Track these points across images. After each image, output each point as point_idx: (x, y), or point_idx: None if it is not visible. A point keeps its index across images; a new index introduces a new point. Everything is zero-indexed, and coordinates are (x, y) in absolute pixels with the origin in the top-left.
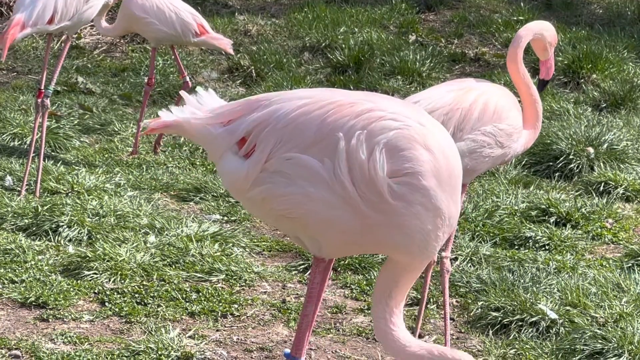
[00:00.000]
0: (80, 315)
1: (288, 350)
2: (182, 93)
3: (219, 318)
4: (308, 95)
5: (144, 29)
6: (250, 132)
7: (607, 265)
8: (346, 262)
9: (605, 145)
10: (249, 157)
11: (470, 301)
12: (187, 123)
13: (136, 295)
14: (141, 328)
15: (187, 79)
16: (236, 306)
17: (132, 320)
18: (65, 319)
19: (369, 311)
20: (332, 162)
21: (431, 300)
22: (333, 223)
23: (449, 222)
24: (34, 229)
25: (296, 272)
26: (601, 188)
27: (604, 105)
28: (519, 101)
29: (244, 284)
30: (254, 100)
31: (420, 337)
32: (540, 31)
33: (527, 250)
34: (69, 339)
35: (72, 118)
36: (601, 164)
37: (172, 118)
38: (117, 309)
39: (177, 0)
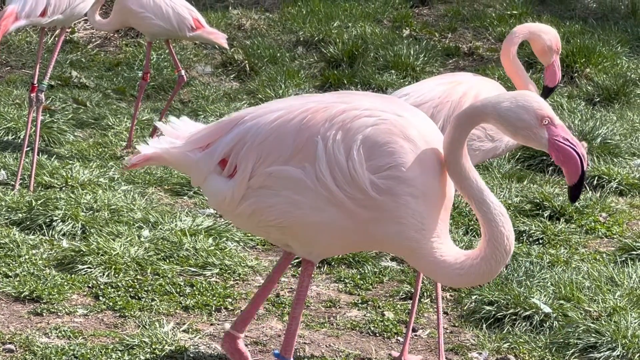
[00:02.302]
0: (74, 310)
1: (277, 351)
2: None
3: (213, 312)
4: (280, 107)
5: (140, 24)
6: (230, 153)
7: (601, 259)
8: (340, 256)
9: (598, 140)
10: (232, 177)
11: (463, 295)
12: (166, 153)
13: (130, 290)
14: (135, 322)
15: (182, 73)
16: (230, 300)
17: (126, 314)
18: (59, 313)
19: (363, 305)
20: (312, 167)
21: (425, 294)
22: (324, 226)
23: (444, 204)
24: (28, 223)
25: (290, 266)
26: (595, 182)
27: (598, 99)
28: None
29: (237, 278)
30: (228, 120)
31: (414, 330)
32: (538, 32)
33: (520, 244)
34: (62, 333)
35: (66, 112)
36: (595, 158)
37: (152, 150)
38: (111, 303)
39: None
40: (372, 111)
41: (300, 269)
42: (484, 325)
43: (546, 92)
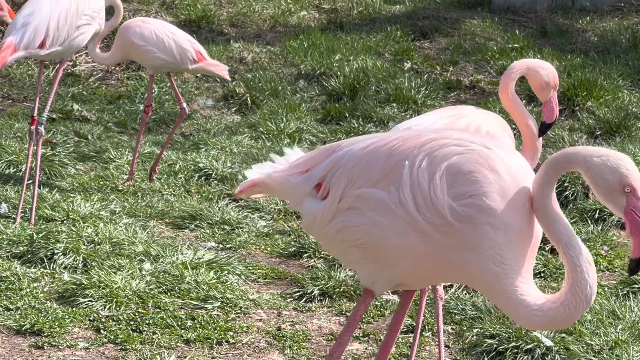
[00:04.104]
0: (75, 343)
1: None
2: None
3: (214, 345)
4: (376, 136)
5: (143, 57)
6: (325, 177)
7: (603, 293)
8: (341, 289)
9: None
10: (325, 199)
11: (465, 328)
12: (268, 178)
13: (131, 323)
14: (136, 355)
15: (184, 105)
16: (231, 333)
17: (128, 347)
18: (60, 347)
19: (364, 338)
20: (397, 190)
21: (426, 327)
22: (404, 250)
23: (529, 241)
24: (29, 256)
25: (291, 299)
26: (596, 215)
27: (599, 132)
28: (515, 129)
29: (239, 311)
30: (328, 147)
31: None
32: (536, 68)
33: None
34: None
35: (67, 145)
36: None
37: (257, 176)
38: (112, 337)
39: (174, 27)
40: (462, 141)
41: (302, 302)
42: (486, 359)
43: (544, 128)
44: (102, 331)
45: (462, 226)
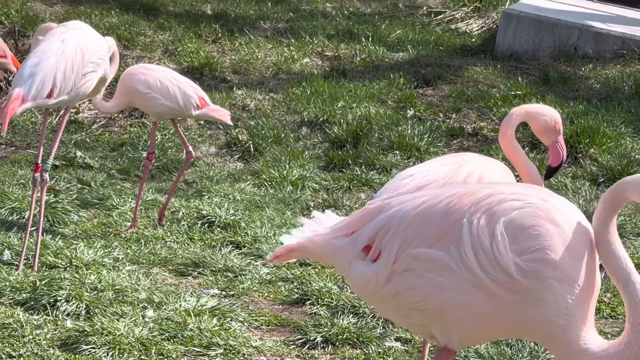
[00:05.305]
0: None
1: None
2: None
3: None
4: (426, 194)
5: (147, 104)
6: (374, 238)
7: (606, 340)
8: (344, 336)
9: None
10: (376, 261)
11: None
12: (310, 242)
13: None
14: None
15: (190, 149)
16: None
17: None
18: None
19: None
20: (457, 250)
21: None
22: (467, 310)
23: (591, 290)
24: (32, 303)
25: (294, 346)
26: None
27: (602, 179)
28: (517, 176)
29: (242, 358)
30: (374, 207)
31: None
32: (535, 113)
33: None
34: None
35: (70, 192)
36: None
37: (295, 241)
38: None
39: (177, 74)
40: (519, 195)
41: (305, 349)
42: None
43: (549, 172)
44: None
45: (527, 282)
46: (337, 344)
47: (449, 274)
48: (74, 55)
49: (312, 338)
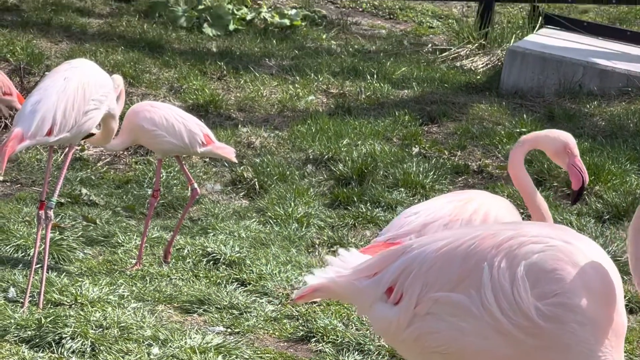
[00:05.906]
0: None
1: None
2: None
3: None
4: (447, 236)
5: (152, 142)
6: (396, 280)
7: None
8: None
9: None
10: (398, 304)
11: None
12: (332, 283)
13: None
14: None
15: (195, 186)
16: None
17: None
18: None
19: None
20: (478, 294)
21: None
22: (488, 354)
23: (616, 331)
24: (37, 340)
25: None
26: None
27: (607, 217)
28: (523, 213)
29: None
30: (395, 249)
31: None
32: (544, 137)
33: None
34: None
35: (75, 230)
36: None
37: (318, 281)
38: None
39: (182, 112)
40: (540, 238)
41: None
42: None
43: (574, 197)
44: None
45: (548, 326)
46: None
47: (470, 318)
48: (75, 92)
49: None
